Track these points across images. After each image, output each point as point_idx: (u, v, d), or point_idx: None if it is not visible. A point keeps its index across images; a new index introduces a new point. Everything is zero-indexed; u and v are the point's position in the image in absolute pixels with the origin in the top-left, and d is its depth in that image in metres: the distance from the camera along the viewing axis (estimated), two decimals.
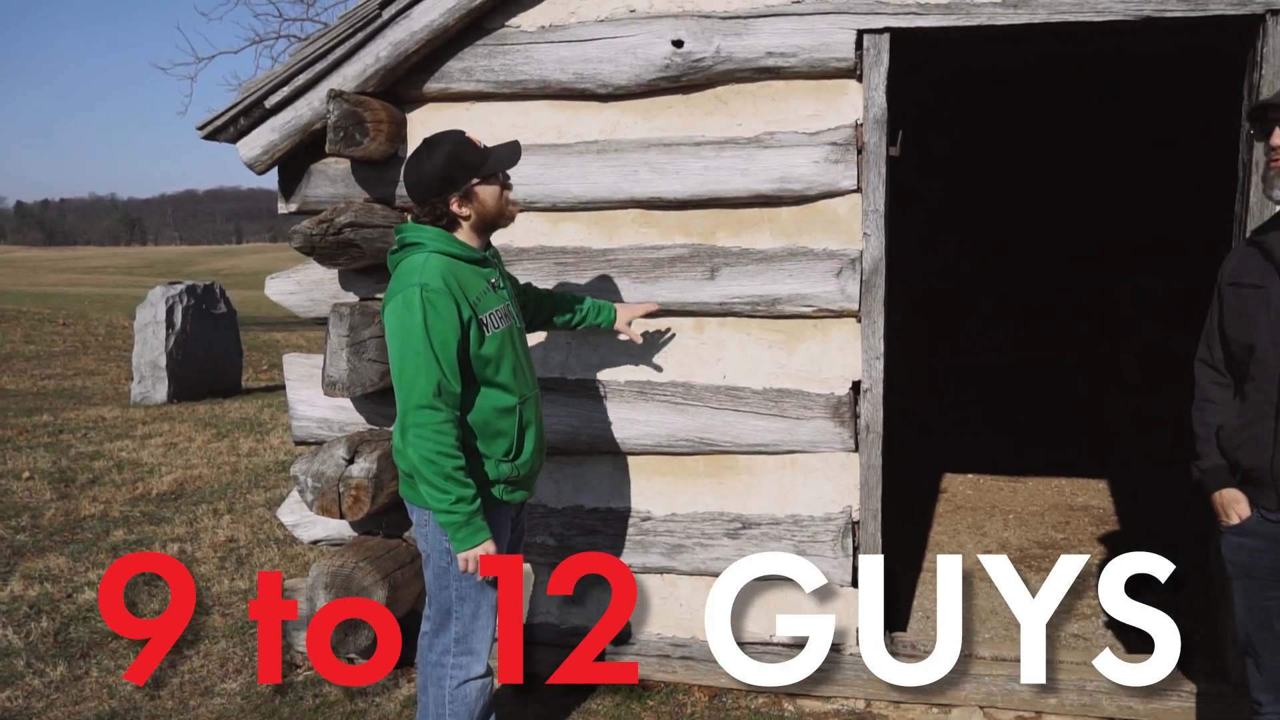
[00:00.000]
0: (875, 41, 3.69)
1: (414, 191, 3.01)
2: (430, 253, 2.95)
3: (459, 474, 2.87)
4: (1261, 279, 2.75)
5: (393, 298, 2.92)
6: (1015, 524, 6.77)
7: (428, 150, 2.99)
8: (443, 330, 2.85)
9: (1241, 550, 2.84)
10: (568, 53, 3.89)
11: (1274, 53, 3.44)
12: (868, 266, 3.79)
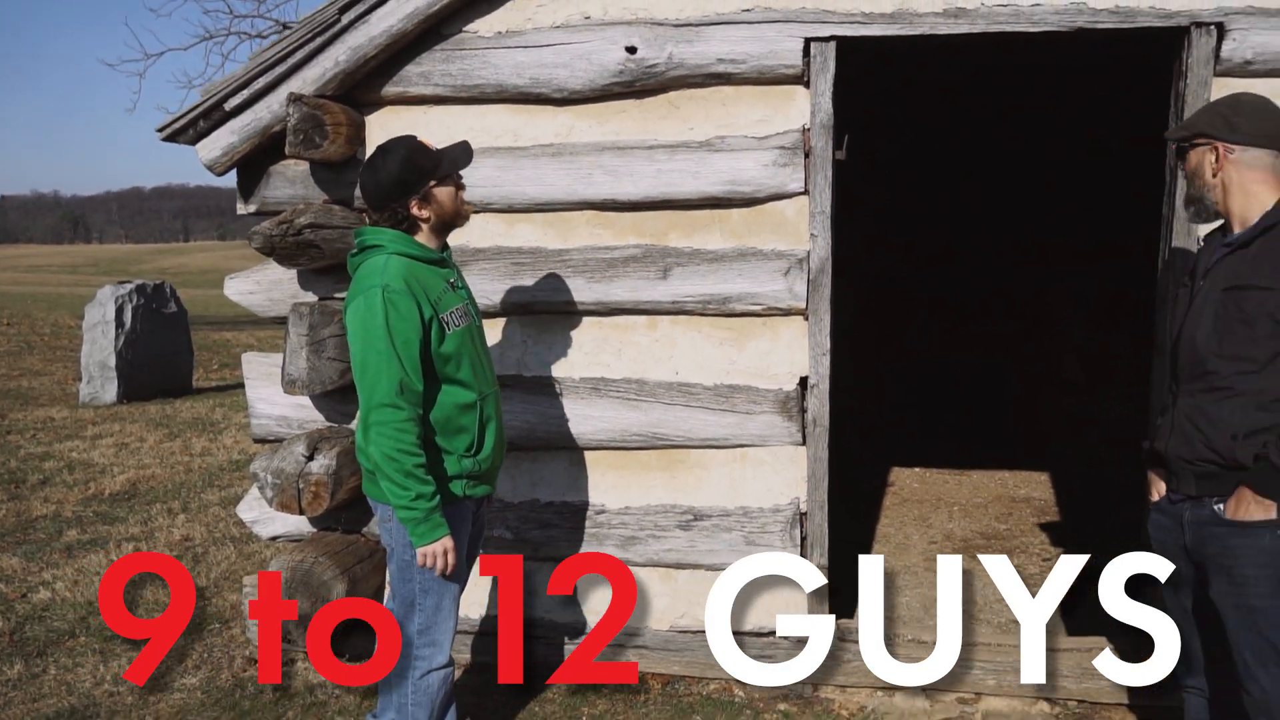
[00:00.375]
0: (822, 49, 3.83)
1: (373, 197, 3.08)
2: (390, 254, 3.03)
3: (419, 471, 2.95)
4: (1186, 283, 2.94)
5: (354, 299, 2.99)
6: (960, 515, 6.97)
7: (383, 156, 3.07)
8: (404, 330, 2.93)
9: (1156, 526, 3.03)
10: (524, 58, 3.99)
11: (1197, 63, 3.61)
12: (815, 266, 3.93)
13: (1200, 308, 2.79)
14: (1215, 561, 2.77)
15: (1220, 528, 2.76)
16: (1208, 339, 2.75)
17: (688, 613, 4.17)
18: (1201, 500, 2.81)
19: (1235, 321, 2.69)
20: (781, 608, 4.09)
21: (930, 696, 4.03)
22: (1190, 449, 2.79)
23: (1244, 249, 2.74)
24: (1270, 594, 2.70)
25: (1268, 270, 2.66)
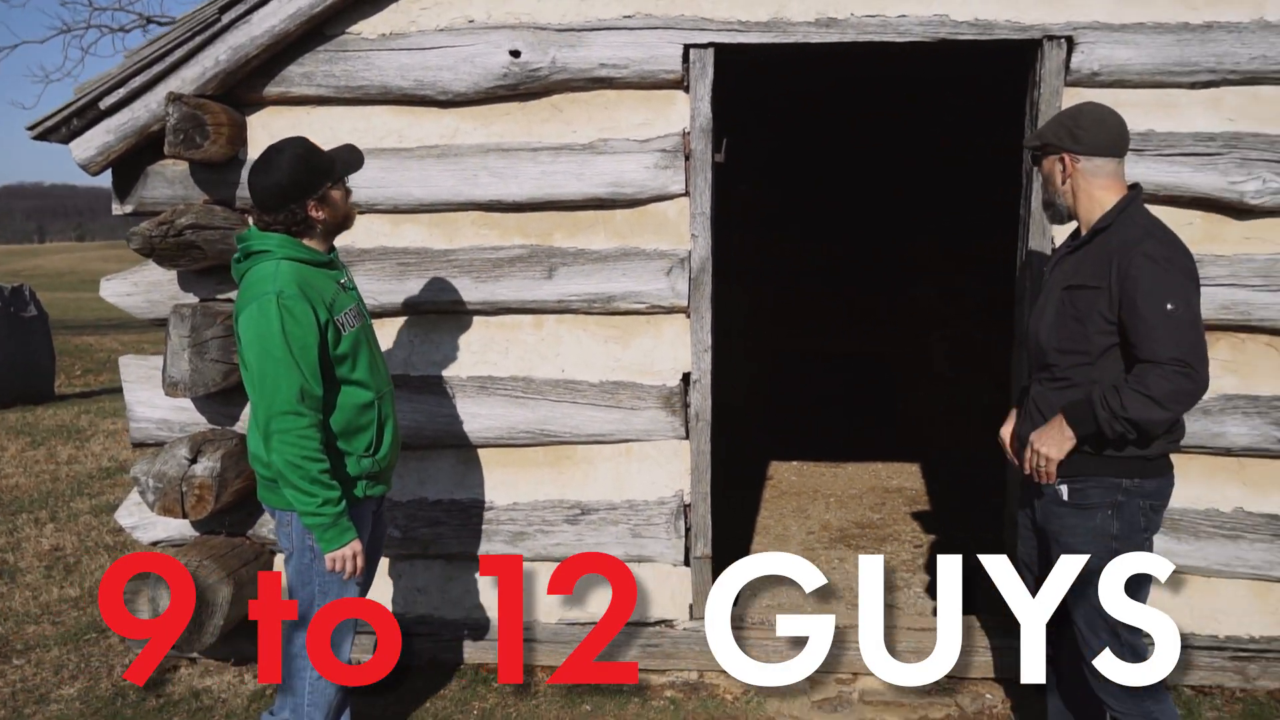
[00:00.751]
0: (701, 56, 3.95)
1: (267, 198, 3.01)
2: (279, 259, 3.00)
3: (324, 477, 2.94)
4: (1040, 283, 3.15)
5: (246, 306, 2.95)
6: (836, 506, 7.20)
7: (276, 156, 3.02)
8: (301, 335, 2.91)
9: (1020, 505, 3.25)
10: (408, 60, 4.02)
11: (1050, 74, 3.86)
12: (696, 265, 4.05)
13: (1044, 305, 3.01)
14: (1056, 538, 2.99)
15: (1060, 507, 2.97)
16: (1049, 334, 2.96)
17: (576, 604, 4.25)
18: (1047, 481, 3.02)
19: (1070, 318, 2.90)
20: (668, 597, 4.22)
21: (810, 678, 4.18)
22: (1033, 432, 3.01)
23: (1081, 250, 2.96)
24: (1096, 570, 2.92)
25: (1096, 270, 2.86)
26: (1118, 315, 2.79)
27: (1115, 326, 2.82)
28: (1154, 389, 2.70)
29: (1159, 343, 2.71)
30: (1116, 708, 2.95)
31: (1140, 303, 2.73)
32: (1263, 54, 3.76)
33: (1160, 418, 2.75)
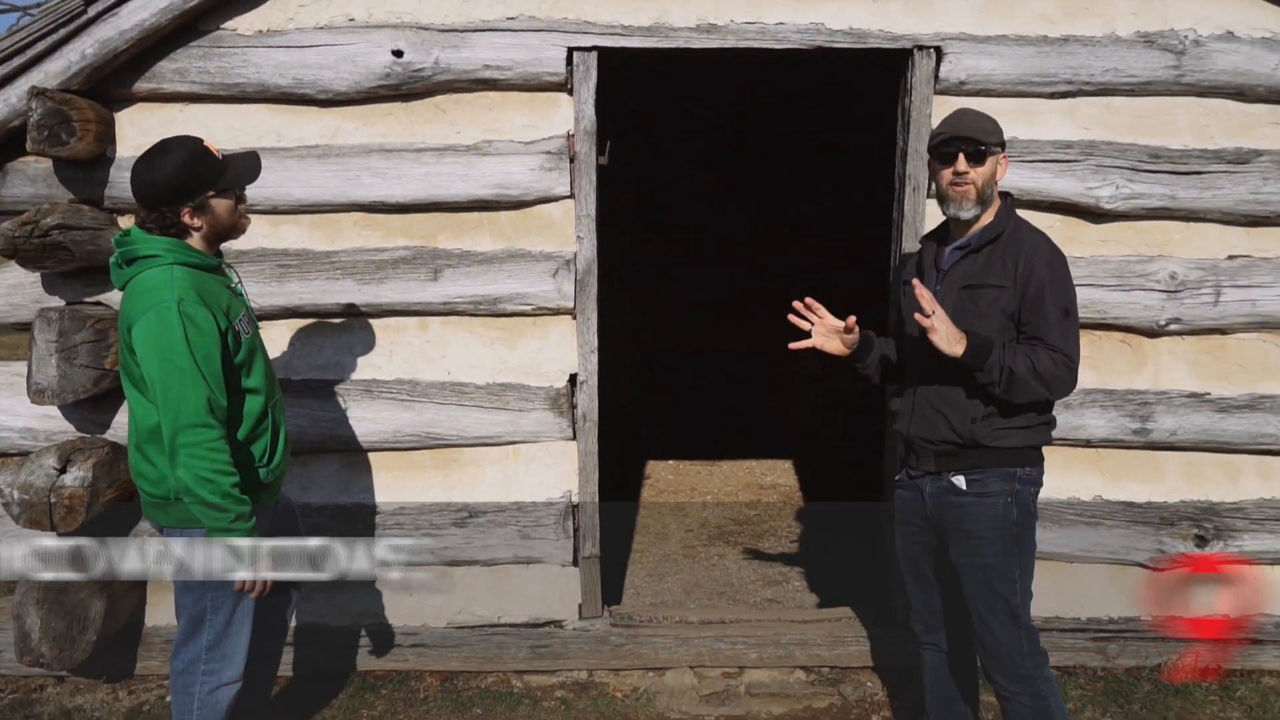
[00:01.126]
0: (584, 59, 3.98)
1: (144, 196, 2.89)
2: (170, 265, 2.87)
3: (236, 491, 2.83)
4: (914, 278, 3.26)
5: (143, 315, 2.80)
6: (713, 504, 7.34)
7: (162, 155, 2.89)
8: (204, 344, 2.81)
9: (901, 500, 3.35)
10: (286, 58, 3.94)
11: (920, 82, 4.01)
12: (581, 267, 4.08)
13: (941, 304, 3.11)
14: (954, 527, 3.11)
15: (958, 496, 3.10)
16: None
17: (465, 608, 4.23)
18: (940, 474, 3.14)
19: (971, 316, 3.03)
20: (557, 598, 4.23)
21: (697, 673, 4.26)
22: (932, 431, 3.11)
23: (975, 254, 3.09)
24: (1001, 553, 3.07)
25: (1000, 272, 3.02)
26: (1017, 311, 2.99)
27: (1013, 323, 3.01)
28: (1039, 364, 2.94)
29: (1053, 336, 2.96)
30: (1010, 687, 3.09)
31: (1046, 302, 2.97)
32: (1114, 67, 3.98)
33: (1032, 388, 2.96)
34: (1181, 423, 4.14)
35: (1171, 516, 4.18)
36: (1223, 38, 3.99)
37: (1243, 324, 4.12)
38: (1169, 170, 4.02)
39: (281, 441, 3.15)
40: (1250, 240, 4.13)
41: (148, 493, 3.00)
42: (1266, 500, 4.20)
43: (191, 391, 2.77)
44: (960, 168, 3.05)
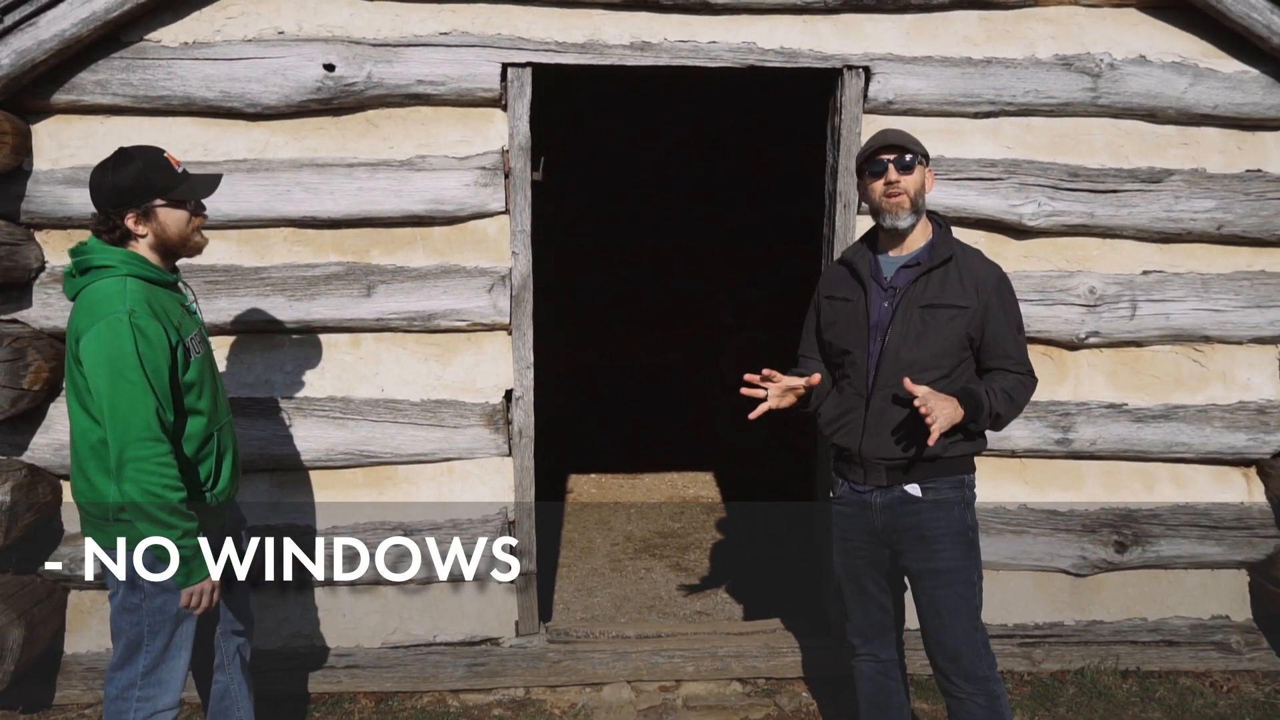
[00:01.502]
0: (518, 74, 3.98)
1: (94, 198, 2.87)
2: (124, 276, 2.80)
3: (184, 507, 2.76)
4: (851, 293, 3.29)
5: (93, 326, 2.73)
6: (637, 517, 7.36)
7: (117, 161, 2.87)
8: (154, 358, 2.74)
9: (840, 516, 3.38)
10: (214, 70, 3.87)
11: (850, 101, 4.09)
12: (517, 282, 4.07)
13: (902, 323, 3.14)
14: (912, 534, 3.16)
15: (914, 505, 3.16)
16: (910, 350, 3.11)
17: (399, 628, 4.18)
18: (891, 487, 3.19)
19: (933, 334, 3.09)
20: (493, 615, 4.20)
21: (634, 687, 4.26)
22: (889, 448, 3.15)
23: (929, 274, 3.14)
24: (962, 556, 3.14)
25: (959, 293, 3.10)
26: (980, 331, 3.11)
27: (969, 342, 3.11)
28: (1015, 393, 3.11)
29: (1014, 357, 3.14)
30: (967, 689, 3.14)
31: (1004, 321, 3.12)
32: (1035, 88, 4.11)
33: (1014, 416, 3.16)
34: (1101, 432, 4.27)
35: (1093, 524, 4.31)
36: (1136, 61, 4.14)
37: (1157, 337, 4.27)
38: (1088, 189, 4.16)
39: (227, 466, 3.07)
40: (1163, 256, 4.29)
41: (86, 511, 2.92)
42: (1180, 506, 4.36)
43: (141, 405, 2.70)
44: (891, 177, 3.11)
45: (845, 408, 3.28)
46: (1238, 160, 4.27)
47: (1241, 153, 4.28)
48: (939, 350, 3.09)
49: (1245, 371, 4.35)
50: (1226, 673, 4.36)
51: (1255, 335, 4.30)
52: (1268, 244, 4.30)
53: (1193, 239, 4.27)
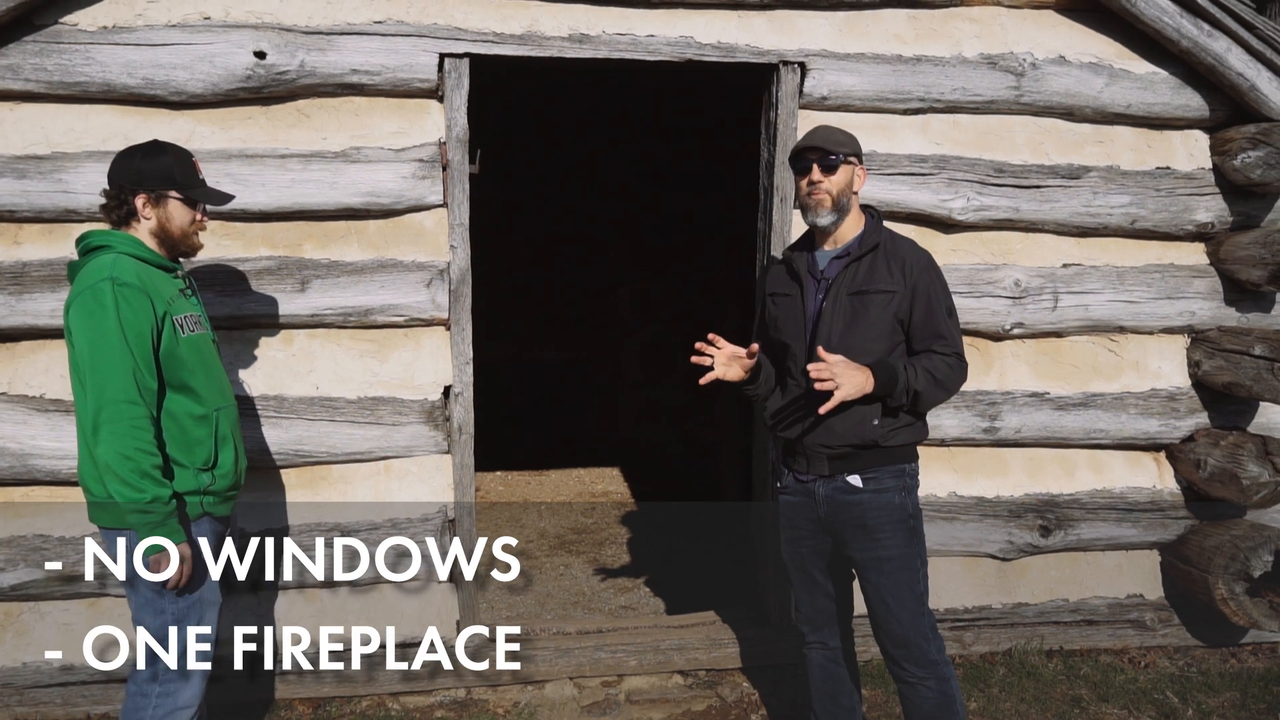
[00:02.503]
0: (456, 65, 3.92)
1: (114, 174, 2.97)
2: (119, 254, 2.88)
3: (156, 472, 2.76)
4: (790, 289, 3.35)
5: (79, 295, 2.80)
6: (548, 514, 7.34)
7: (150, 148, 3.02)
8: (136, 322, 2.78)
9: (786, 506, 3.41)
10: (136, 56, 3.71)
11: (786, 97, 4.13)
12: (455, 277, 4.01)
13: (832, 313, 3.20)
14: (854, 524, 3.20)
15: (855, 495, 3.20)
16: (841, 338, 3.16)
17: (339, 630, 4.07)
18: (833, 476, 3.23)
19: (863, 321, 3.14)
20: (434, 615, 4.13)
21: (577, 684, 4.24)
22: (830, 436, 3.18)
23: (858, 262, 3.20)
24: (904, 544, 3.20)
25: (887, 278, 3.15)
26: (909, 314, 3.14)
27: (901, 326, 3.15)
28: (938, 372, 3.13)
29: (944, 338, 3.16)
30: (917, 673, 3.20)
31: (932, 303, 3.15)
32: (962, 86, 4.22)
33: (937, 397, 3.18)
34: (1026, 421, 4.41)
35: (1018, 509, 4.45)
36: (1056, 61, 4.29)
37: (1076, 327, 4.43)
38: (1013, 184, 4.29)
39: (227, 452, 3.05)
40: (1081, 250, 4.45)
41: (91, 491, 2.88)
42: (1098, 491, 4.53)
43: (119, 367, 2.75)
44: (815, 177, 3.18)
45: (787, 400, 3.33)
46: (1148, 158, 4.46)
47: (1151, 150, 4.47)
48: (870, 335, 3.14)
49: (1156, 360, 4.54)
50: (1142, 649, 4.55)
51: (1165, 325, 4.50)
52: (1176, 238, 4.51)
53: (1108, 233, 4.44)
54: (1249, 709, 4.04)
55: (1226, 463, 4.30)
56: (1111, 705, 4.06)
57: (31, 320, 3.73)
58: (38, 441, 3.75)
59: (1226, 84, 4.30)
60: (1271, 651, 4.62)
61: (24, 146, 3.75)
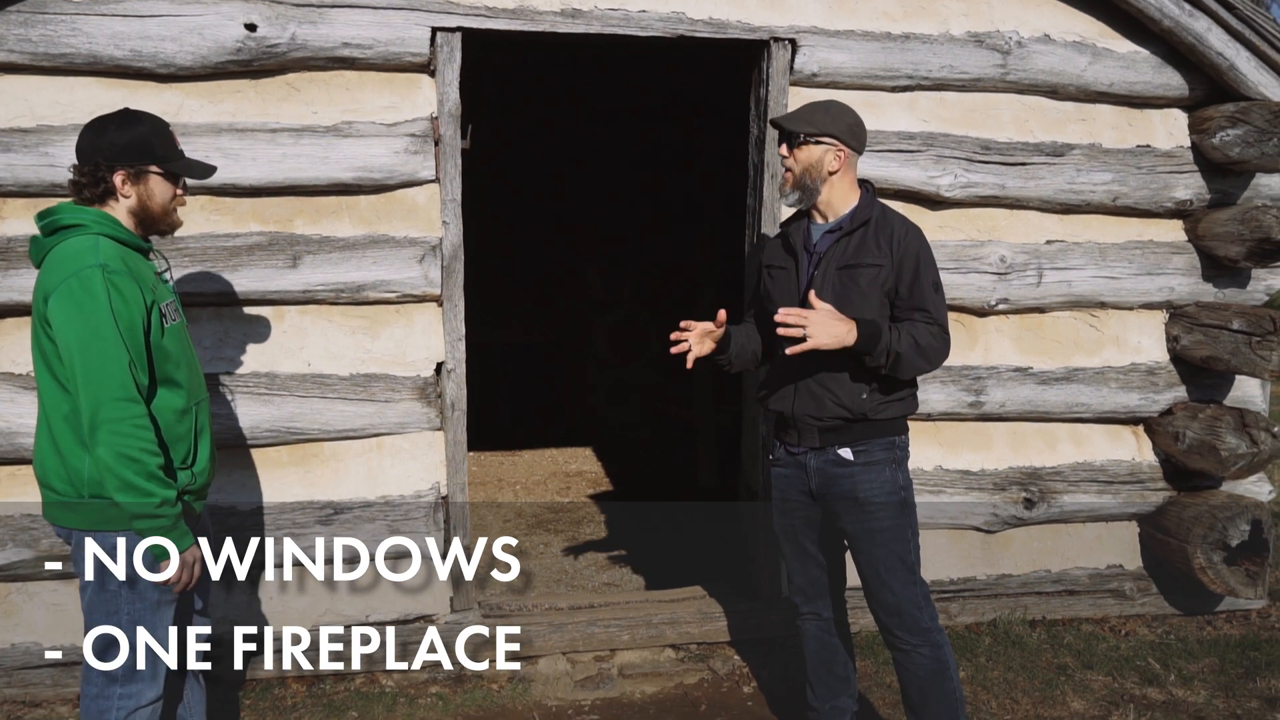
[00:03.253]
0: (449, 39, 3.89)
1: (84, 148, 2.71)
2: (96, 235, 2.65)
3: (161, 473, 2.59)
4: (785, 262, 3.38)
5: (63, 282, 2.56)
6: (524, 494, 7.36)
7: (123, 118, 2.76)
8: (129, 315, 2.59)
9: (778, 478, 3.45)
10: (124, 27, 3.65)
11: (777, 73, 4.15)
12: (448, 253, 3.99)
13: (821, 286, 3.24)
14: (846, 497, 3.24)
15: (846, 468, 3.23)
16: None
17: (330, 609, 4.05)
18: (824, 449, 3.27)
19: (853, 294, 3.17)
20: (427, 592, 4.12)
21: (570, 659, 4.25)
22: (820, 409, 3.22)
23: (849, 236, 3.23)
24: (895, 515, 3.24)
25: (875, 251, 3.17)
26: (894, 286, 3.15)
27: (889, 300, 3.17)
28: (920, 339, 3.12)
29: (927, 311, 3.15)
30: (911, 640, 3.24)
31: (920, 276, 3.16)
32: (949, 64, 4.27)
33: (916, 365, 3.16)
34: (1010, 395, 4.48)
35: (1003, 482, 4.52)
36: (1041, 40, 4.34)
37: (1059, 303, 4.51)
38: (999, 161, 4.34)
39: (204, 446, 2.88)
40: (1064, 226, 4.52)
41: (55, 490, 2.70)
42: (1080, 464, 4.61)
43: (115, 363, 2.55)
44: (782, 153, 3.25)
45: (778, 373, 3.36)
46: (1129, 136, 4.53)
47: (1132, 129, 4.54)
48: (859, 309, 3.14)
49: (1136, 335, 4.63)
50: (1122, 618, 4.65)
51: (1144, 301, 4.59)
52: (1155, 215, 4.59)
53: (1090, 210, 4.52)
54: (1227, 674, 4.14)
55: (1205, 435, 4.40)
56: (1096, 672, 4.15)
57: (17, 297, 3.67)
58: (25, 420, 3.69)
59: (1206, 63, 4.38)
60: (1244, 618, 4.74)
61: (7, 119, 3.68)
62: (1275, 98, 4.39)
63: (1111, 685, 4.05)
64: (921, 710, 3.32)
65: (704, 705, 4.03)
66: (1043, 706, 3.90)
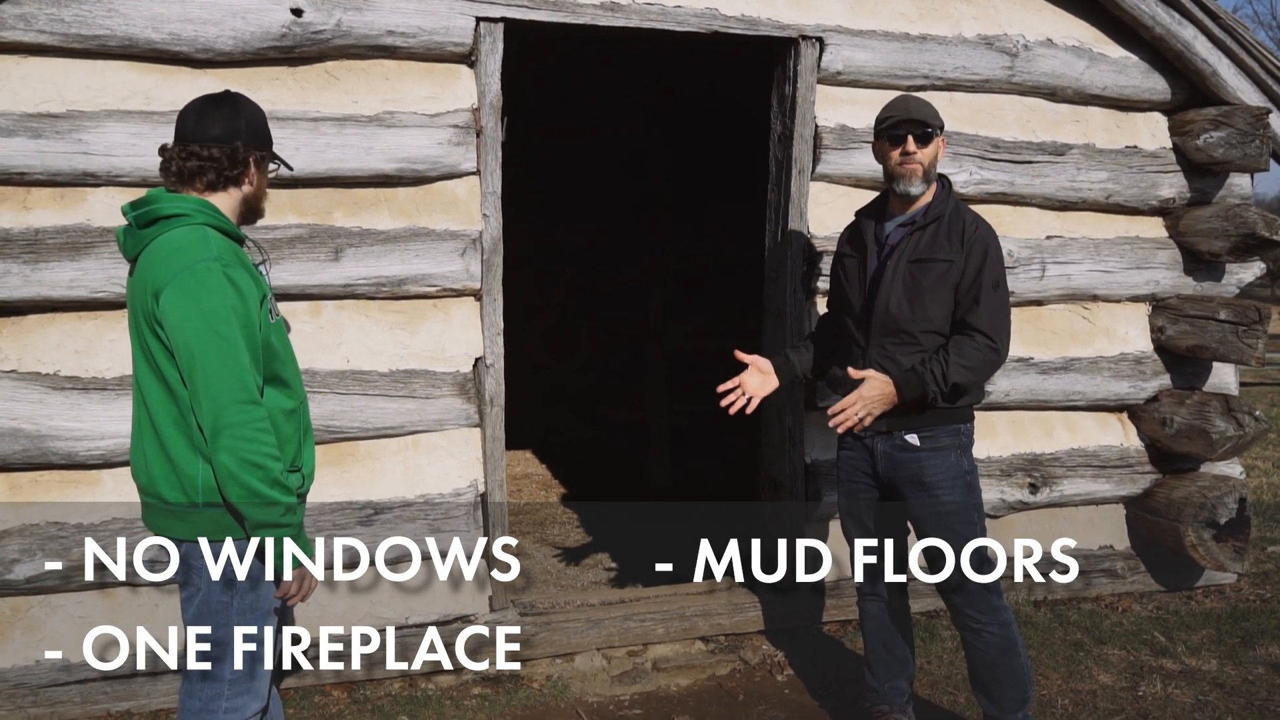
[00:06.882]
0: (491, 30, 3.85)
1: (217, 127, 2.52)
2: (201, 225, 2.48)
3: (285, 479, 2.45)
4: (855, 250, 3.47)
5: (177, 276, 2.39)
6: None
7: (239, 99, 2.60)
8: (246, 312, 2.44)
9: (844, 461, 3.56)
10: (164, 9, 3.49)
11: (805, 70, 4.23)
12: (488, 246, 3.94)
13: (891, 278, 3.32)
14: (913, 480, 3.34)
15: (913, 453, 3.33)
16: (899, 304, 3.28)
17: (370, 612, 3.94)
18: (891, 434, 3.36)
19: (921, 289, 3.27)
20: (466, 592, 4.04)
21: (604, 654, 4.24)
22: None
23: (921, 231, 3.33)
24: (961, 498, 3.34)
25: (946, 247, 3.27)
26: (959, 279, 3.24)
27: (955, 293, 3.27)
28: (969, 359, 3.23)
29: (979, 317, 3.24)
30: (980, 617, 3.34)
31: (983, 272, 3.23)
32: (962, 64, 4.42)
33: (970, 381, 3.28)
34: (1014, 384, 4.66)
35: (1008, 469, 4.69)
36: (1044, 44, 4.54)
37: (1058, 296, 4.71)
38: (1008, 159, 4.52)
39: (309, 445, 2.75)
40: (1061, 223, 4.72)
41: (162, 499, 2.51)
42: (1075, 450, 4.82)
43: (235, 364, 2.40)
44: (909, 148, 3.28)
45: (851, 361, 3.44)
46: (1118, 137, 4.77)
47: (1120, 130, 4.78)
48: (925, 301, 3.26)
49: (1124, 326, 4.87)
50: (1115, 595, 4.88)
51: (1132, 294, 4.83)
52: (1141, 212, 4.84)
53: (1085, 208, 4.73)
54: (1225, 643, 4.40)
55: (1194, 419, 4.65)
56: (1110, 647, 4.35)
57: (46, 292, 3.48)
58: (56, 422, 3.50)
59: (1191, 69, 4.64)
60: (1220, 592, 5.03)
61: (35, 104, 3.48)
62: (1251, 102, 4.69)
63: (1128, 658, 4.25)
64: (991, 686, 3.43)
65: (741, 695, 4.06)
66: (1073, 680, 4.06)
